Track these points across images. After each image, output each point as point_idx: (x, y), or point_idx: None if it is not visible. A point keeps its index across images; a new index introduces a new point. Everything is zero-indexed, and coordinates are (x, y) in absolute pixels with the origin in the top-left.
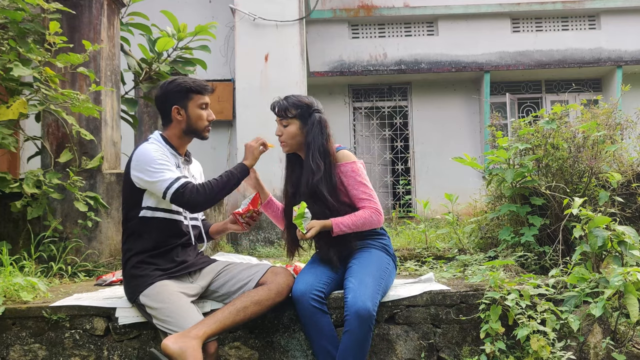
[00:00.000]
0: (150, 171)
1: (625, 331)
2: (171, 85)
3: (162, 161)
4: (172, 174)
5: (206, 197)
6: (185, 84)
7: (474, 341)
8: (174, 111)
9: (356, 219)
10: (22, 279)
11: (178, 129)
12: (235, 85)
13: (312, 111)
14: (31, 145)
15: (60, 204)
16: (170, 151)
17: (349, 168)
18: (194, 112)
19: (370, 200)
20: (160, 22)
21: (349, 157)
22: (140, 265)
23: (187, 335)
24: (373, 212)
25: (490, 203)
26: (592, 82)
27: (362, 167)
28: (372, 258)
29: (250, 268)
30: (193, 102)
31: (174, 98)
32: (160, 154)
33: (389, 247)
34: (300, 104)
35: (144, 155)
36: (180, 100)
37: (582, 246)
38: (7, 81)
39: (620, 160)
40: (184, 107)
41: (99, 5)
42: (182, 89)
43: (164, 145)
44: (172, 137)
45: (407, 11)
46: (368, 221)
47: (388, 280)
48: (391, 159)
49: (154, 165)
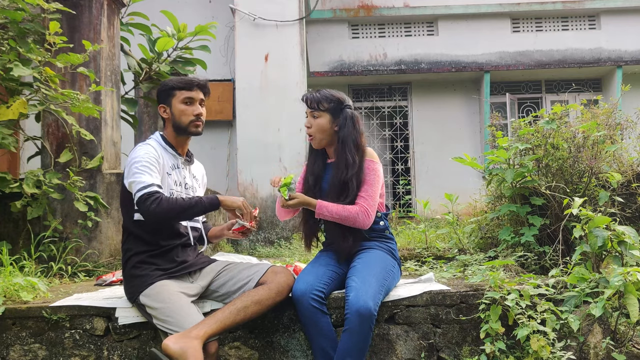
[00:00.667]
0: (131, 170)
1: (625, 331)
2: (160, 86)
3: (145, 163)
4: (148, 179)
5: (166, 213)
6: (169, 82)
7: (474, 341)
8: (160, 110)
9: (341, 210)
10: (22, 279)
11: (169, 127)
12: (235, 85)
13: (344, 106)
14: (31, 145)
15: (60, 204)
16: (169, 151)
17: (369, 166)
18: (176, 108)
19: (367, 200)
20: (160, 22)
21: (374, 156)
22: (141, 265)
23: (188, 335)
24: (362, 211)
25: (490, 203)
26: (592, 82)
27: (381, 169)
28: (376, 259)
29: (250, 268)
30: (176, 98)
31: (160, 98)
32: (149, 155)
33: (395, 252)
34: (333, 98)
35: (134, 154)
36: (165, 99)
37: (582, 246)
38: (7, 81)
39: (620, 160)
40: (168, 104)
41: (99, 5)
42: (166, 87)
43: (162, 146)
44: (169, 136)
45: (407, 11)
46: (352, 217)
47: (391, 282)
48: (391, 159)
49: (135, 165)
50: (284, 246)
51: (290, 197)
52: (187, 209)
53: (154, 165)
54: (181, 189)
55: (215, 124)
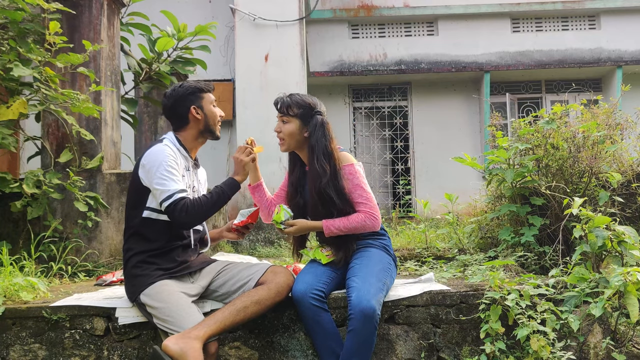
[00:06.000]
0: (156, 176)
1: (625, 331)
2: (182, 89)
3: (170, 168)
4: (175, 185)
5: (195, 217)
6: (196, 85)
7: (474, 341)
8: (193, 111)
9: (348, 223)
10: (22, 279)
11: (196, 129)
12: (235, 85)
13: (314, 113)
14: (31, 145)
15: (60, 204)
16: (182, 153)
17: (347, 170)
18: (209, 110)
19: (367, 204)
20: (160, 22)
21: (348, 159)
22: (141, 264)
23: (188, 336)
24: (368, 217)
25: (490, 203)
26: (592, 82)
27: (361, 169)
28: (373, 258)
29: (250, 267)
30: (206, 101)
31: (190, 99)
32: (172, 158)
33: (389, 248)
34: (304, 104)
35: (155, 156)
36: (196, 100)
37: (582, 246)
38: (7, 81)
39: (620, 160)
40: (200, 106)
41: (99, 5)
42: (195, 90)
43: (177, 147)
44: (188, 138)
45: (407, 11)
46: (361, 225)
47: (390, 280)
48: (391, 159)
49: (161, 170)
50: (284, 246)
51: (289, 224)
52: (213, 206)
53: (175, 169)
54: (190, 192)
55: None
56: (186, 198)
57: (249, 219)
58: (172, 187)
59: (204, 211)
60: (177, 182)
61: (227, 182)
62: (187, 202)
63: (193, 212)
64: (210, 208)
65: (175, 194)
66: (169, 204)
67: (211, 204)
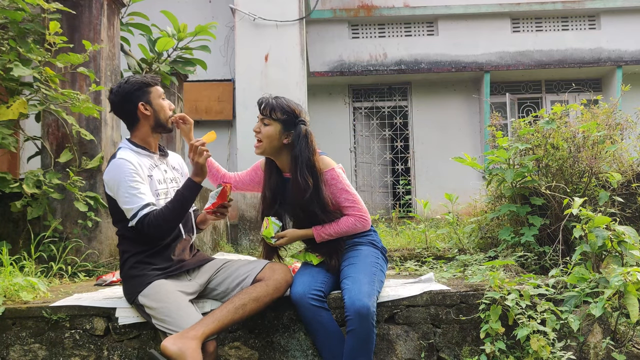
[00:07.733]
0: (120, 195)
1: (625, 331)
2: (128, 85)
3: (131, 183)
4: (138, 202)
5: (164, 228)
6: (142, 80)
7: (474, 341)
8: (141, 108)
9: (339, 228)
10: (22, 279)
11: (147, 125)
12: (235, 85)
13: (298, 121)
14: (31, 145)
15: (60, 204)
16: (143, 153)
17: (328, 176)
18: (158, 104)
19: (354, 206)
20: (160, 22)
21: (328, 163)
22: (138, 265)
23: (186, 336)
24: (358, 220)
25: (490, 203)
26: (592, 82)
27: (342, 171)
28: (361, 255)
29: (248, 264)
30: (154, 95)
31: (137, 96)
32: (130, 171)
33: (376, 242)
34: (288, 110)
35: (114, 175)
36: (144, 96)
37: (582, 246)
38: (7, 81)
39: (620, 160)
40: (148, 101)
41: (99, 5)
42: (141, 85)
43: (134, 151)
44: (141, 137)
45: (407, 11)
46: (352, 228)
47: (381, 274)
48: (391, 159)
49: (122, 190)
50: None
51: (280, 236)
52: (180, 211)
53: (136, 181)
54: (165, 186)
55: (215, 124)
56: (150, 213)
57: (219, 200)
58: (135, 205)
59: (171, 219)
60: (140, 196)
61: (187, 185)
62: (152, 217)
63: (160, 224)
64: (177, 215)
65: (139, 211)
66: (135, 223)
67: (177, 211)
